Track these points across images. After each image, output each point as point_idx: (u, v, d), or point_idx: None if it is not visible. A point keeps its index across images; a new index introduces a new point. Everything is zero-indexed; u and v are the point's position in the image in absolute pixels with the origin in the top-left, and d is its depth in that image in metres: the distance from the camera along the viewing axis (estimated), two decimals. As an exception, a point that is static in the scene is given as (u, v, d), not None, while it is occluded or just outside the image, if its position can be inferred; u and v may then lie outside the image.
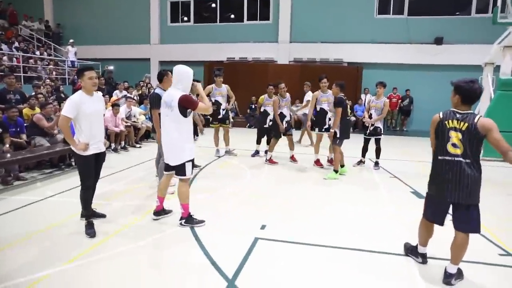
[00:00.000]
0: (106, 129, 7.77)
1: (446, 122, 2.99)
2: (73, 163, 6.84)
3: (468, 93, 2.93)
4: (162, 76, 5.17)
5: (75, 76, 13.27)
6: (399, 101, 14.71)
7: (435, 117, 3.10)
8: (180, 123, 3.91)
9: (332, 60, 15.31)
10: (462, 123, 2.91)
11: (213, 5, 17.01)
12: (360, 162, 7.66)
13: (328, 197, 5.54)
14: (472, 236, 3.04)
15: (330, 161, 7.51)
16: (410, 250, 3.52)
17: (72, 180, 5.91)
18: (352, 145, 7.61)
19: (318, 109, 7.32)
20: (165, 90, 4.75)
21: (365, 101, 14.03)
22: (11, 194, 5.30)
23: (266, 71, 14.81)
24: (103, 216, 4.33)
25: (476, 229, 3.01)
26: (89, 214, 3.99)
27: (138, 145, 9.49)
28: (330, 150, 7.51)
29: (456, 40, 14.09)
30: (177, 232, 4.03)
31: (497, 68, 10.25)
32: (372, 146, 7.42)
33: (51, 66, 14.66)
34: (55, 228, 4.07)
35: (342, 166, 6.86)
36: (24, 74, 12.71)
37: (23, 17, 17.61)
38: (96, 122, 3.88)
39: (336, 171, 6.60)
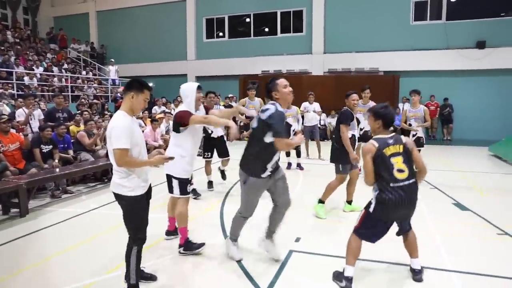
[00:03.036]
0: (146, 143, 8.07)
1: (384, 151, 2.97)
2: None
3: (387, 117, 3.06)
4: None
5: (118, 94, 13.95)
6: (438, 109, 14.17)
7: (370, 148, 3.00)
8: (175, 138, 3.81)
9: (367, 69, 15.07)
10: (398, 146, 3.00)
11: (247, 20, 17.39)
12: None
13: (364, 209, 5.40)
14: None
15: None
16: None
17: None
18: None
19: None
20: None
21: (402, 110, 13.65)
22: (60, 207, 5.66)
23: (300, 83, 14.71)
24: (153, 278, 3.27)
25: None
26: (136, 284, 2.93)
27: (176, 159, 9.76)
28: None
29: (501, 43, 13.40)
30: (212, 244, 4.06)
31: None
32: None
33: (95, 85, 15.55)
34: (99, 239, 4.29)
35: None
36: (71, 94, 13.59)
37: (72, 41, 18.95)
38: (144, 149, 3.02)
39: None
